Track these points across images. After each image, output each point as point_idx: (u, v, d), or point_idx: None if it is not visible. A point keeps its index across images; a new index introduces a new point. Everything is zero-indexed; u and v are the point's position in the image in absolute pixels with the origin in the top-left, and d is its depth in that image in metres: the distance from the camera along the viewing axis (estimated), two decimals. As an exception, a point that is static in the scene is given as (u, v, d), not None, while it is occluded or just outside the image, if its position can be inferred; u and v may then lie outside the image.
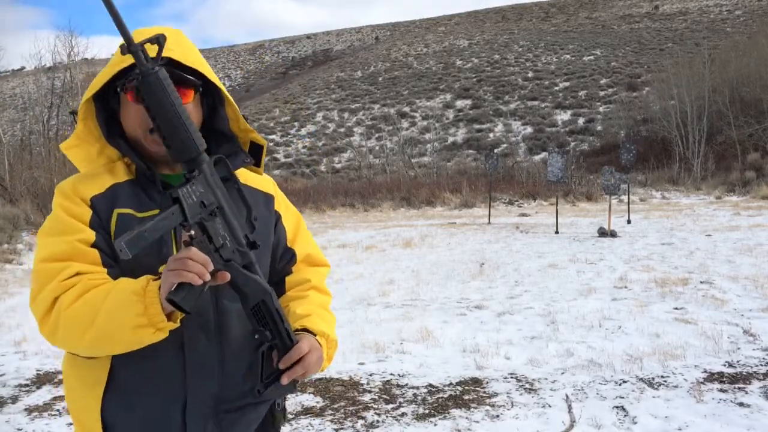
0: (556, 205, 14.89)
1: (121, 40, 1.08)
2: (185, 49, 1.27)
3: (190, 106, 1.26)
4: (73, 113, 1.27)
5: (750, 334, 4.84)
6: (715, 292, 6.35)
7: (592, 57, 55.79)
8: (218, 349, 1.27)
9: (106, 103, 1.30)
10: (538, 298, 6.47)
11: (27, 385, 4.17)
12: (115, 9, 1.04)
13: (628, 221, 14.00)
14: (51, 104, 22.39)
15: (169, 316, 1.14)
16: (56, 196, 1.28)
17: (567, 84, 48.67)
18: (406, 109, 48.46)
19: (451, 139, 42.04)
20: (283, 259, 1.43)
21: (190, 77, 1.26)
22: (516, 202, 21.34)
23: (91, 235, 1.22)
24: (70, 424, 3.50)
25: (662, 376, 4.00)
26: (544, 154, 33.03)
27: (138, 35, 1.13)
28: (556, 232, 12.58)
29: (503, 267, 8.53)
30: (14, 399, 3.93)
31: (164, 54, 1.16)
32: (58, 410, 3.72)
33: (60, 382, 4.22)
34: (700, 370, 4.10)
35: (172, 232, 1.21)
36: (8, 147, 19.91)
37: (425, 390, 3.93)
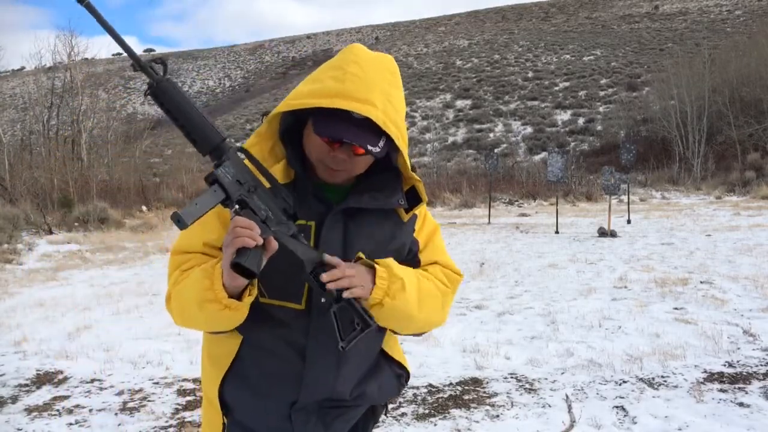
0: (556, 205, 14.90)
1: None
2: (391, 111, 1.26)
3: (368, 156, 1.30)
4: (265, 114, 1.33)
5: (750, 334, 4.84)
6: (715, 292, 6.35)
7: (592, 57, 55.81)
8: (336, 360, 1.34)
9: (297, 115, 1.32)
10: (538, 298, 6.47)
11: (27, 385, 4.17)
12: (121, 38, 1.14)
13: (628, 221, 14.01)
14: (51, 104, 22.38)
15: (240, 297, 1.20)
16: None
17: (567, 84, 48.69)
18: (406, 109, 48.41)
19: (451, 139, 42.07)
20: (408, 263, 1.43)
21: (378, 136, 1.26)
22: (516, 202, 21.34)
23: (219, 240, 1.28)
24: (70, 424, 3.51)
25: (662, 376, 3.99)
26: (544, 154, 33.06)
27: (356, 53, 1.29)
28: (556, 232, 12.58)
29: (503, 267, 8.53)
30: (14, 399, 3.92)
31: (365, 113, 1.20)
32: (58, 410, 3.71)
33: (59, 382, 4.22)
34: (700, 370, 4.10)
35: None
36: (8, 147, 19.91)
37: (425, 390, 3.92)
